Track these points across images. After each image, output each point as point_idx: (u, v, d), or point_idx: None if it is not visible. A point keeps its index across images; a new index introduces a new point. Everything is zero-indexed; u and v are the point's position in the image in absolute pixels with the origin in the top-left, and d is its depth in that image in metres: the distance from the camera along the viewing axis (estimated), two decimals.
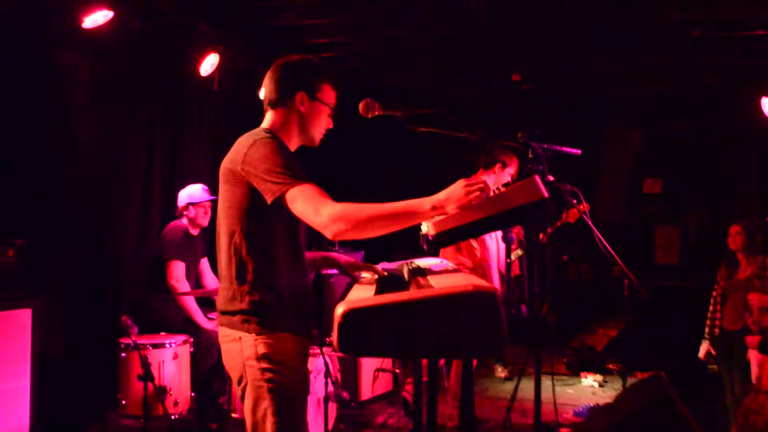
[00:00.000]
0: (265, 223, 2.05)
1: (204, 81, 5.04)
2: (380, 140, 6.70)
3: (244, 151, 2.03)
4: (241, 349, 2.03)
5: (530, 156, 2.26)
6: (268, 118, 2.23)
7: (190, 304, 4.10)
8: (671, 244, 7.74)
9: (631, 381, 4.90)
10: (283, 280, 2.08)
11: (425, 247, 2.00)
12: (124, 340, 3.69)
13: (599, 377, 6.12)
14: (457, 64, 6.11)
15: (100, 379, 4.02)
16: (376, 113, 2.18)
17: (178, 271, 4.09)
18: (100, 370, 4.04)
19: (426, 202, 1.87)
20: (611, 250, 2.89)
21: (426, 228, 2.01)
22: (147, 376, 3.43)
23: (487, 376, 6.08)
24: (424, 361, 2.31)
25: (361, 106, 2.18)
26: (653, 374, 3.49)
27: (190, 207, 4.27)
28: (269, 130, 2.16)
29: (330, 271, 5.77)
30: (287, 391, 2.02)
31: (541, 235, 3.56)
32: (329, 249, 5.56)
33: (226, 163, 2.10)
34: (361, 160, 7.57)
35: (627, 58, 5.88)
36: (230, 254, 2.07)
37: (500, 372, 6.23)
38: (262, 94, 2.25)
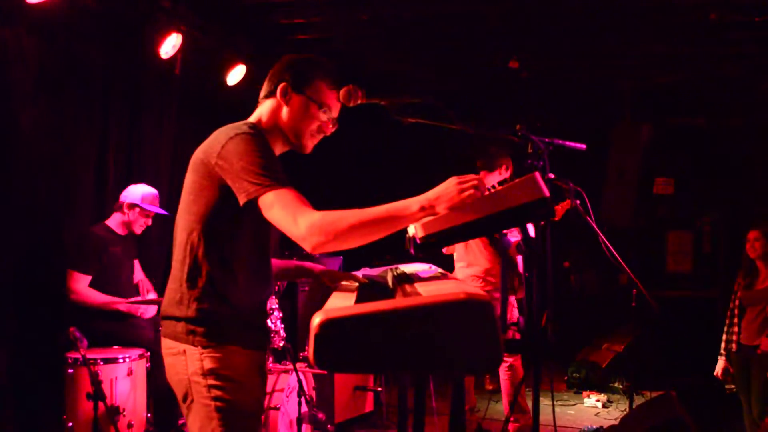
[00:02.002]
0: (230, 226, 2.05)
1: (165, 64, 5.01)
2: (363, 132, 6.71)
3: (222, 143, 2.02)
4: (185, 363, 2.03)
5: (529, 151, 2.27)
6: (256, 111, 2.25)
7: (100, 297, 4.10)
8: (684, 251, 7.83)
9: (638, 401, 4.94)
10: (240, 290, 2.08)
11: (412, 250, 2.01)
12: (72, 355, 3.65)
13: (603, 397, 6.17)
14: (449, 48, 6.13)
15: (43, 398, 3.98)
16: (359, 102, 2.18)
17: (78, 284, 4.08)
18: (43, 388, 4.00)
19: (413, 203, 1.85)
20: (618, 257, 2.92)
21: (413, 230, 2.01)
22: (97, 394, 3.41)
23: (474, 389, 6.12)
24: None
25: (341, 93, 2.18)
26: (663, 394, 3.53)
27: (136, 208, 4.28)
28: (254, 125, 2.15)
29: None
30: (238, 410, 2.03)
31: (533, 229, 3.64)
32: (304, 255, 5.57)
33: (199, 154, 2.10)
34: (342, 154, 7.57)
35: (636, 44, 5.92)
36: (185, 253, 2.07)
37: (489, 384, 6.27)
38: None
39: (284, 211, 1.90)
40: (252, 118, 2.24)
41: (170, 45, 4.86)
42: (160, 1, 4.75)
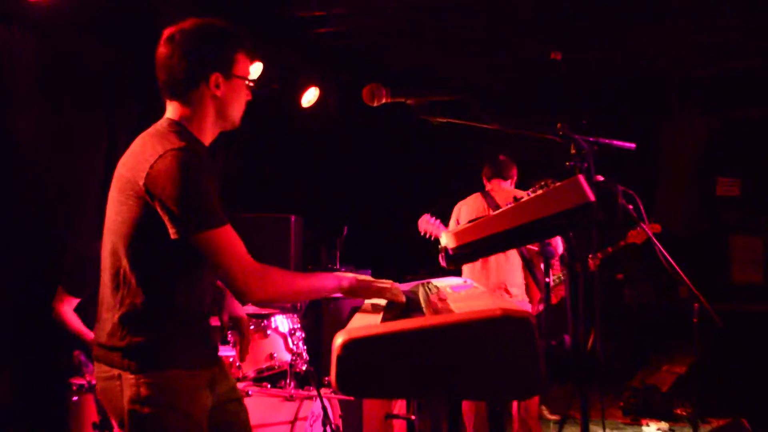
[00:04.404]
0: (162, 247, 2.03)
1: None
2: (388, 134, 6.75)
3: (150, 163, 2.01)
4: (120, 388, 2.05)
5: (573, 151, 2.26)
6: (174, 108, 2.22)
7: (76, 324, 4.08)
8: (752, 258, 7.70)
9: (704, 429, 4.87)
10: (178, 311, 2.11)
11: (444, 263, 2.01)
12: (77, 381, 3.69)
13: (664, 425, 6.09)
14: (482, 39, 6.13)
15: (46, 428, 4.03)
16: (383, 101, 2.19)
17: (63, 305, 4.08)
18: (46, 417, 4.05)
19: (343, 283, 2.18)
20: (676, 267, 2.89)
21: (445, 240, 2.02)
22: (104, 424, 3.44)
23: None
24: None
25: (365, 92, 2.20)
26: (732, 420, 3.48)
27: None
28: (177, 123, 2.16)
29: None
30: None
31: (590, 261, 3.61)
32: (329, 268, 5.58)
33: (123, 170, 2.11)
34: (365, 158, 7.63)
35: (692, 29, 5.87)
36: (116, 280, 2.09)
37: (549, 414, 6.23)
38: (159, 72, 2.23)
39: (223, 256, 1.98)
40: (171, 114, 2.22)
41: None
42: None
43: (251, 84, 2.29)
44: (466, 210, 4.88)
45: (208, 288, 2.23)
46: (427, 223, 4.82)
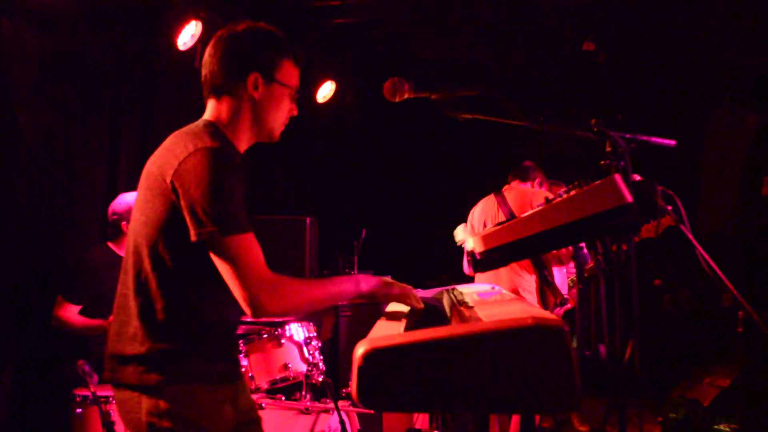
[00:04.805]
0: (187, 250, 2.04)
1: (183, 56, 5.09)
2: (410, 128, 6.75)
3: (179, 159, 2.04)
4: (139, 401, 2.06)
5: (608, 149, 2.25)
6: (211, 108, 2.25)
7: (80, 320, 4.12)
8: None
9: None
10: (203, 321, 2.12)
11: (470, 268, 2.02)
12: (81, 392, 3.72)
13: None
14: (510, 30, 6.11)
15: None
16: (405, 96, 2.20)
17: (65, 313, 4.12)
18: (49, 429, 4.09)
19: (362, 287, 2.16)
20: (719, 272, 2.87)
21: (472, 244, 2.02)
22: None
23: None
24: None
25: (386, 87, 2.20)
26: None
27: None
28: (213, 125, 2.18)
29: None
30: None
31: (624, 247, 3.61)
32: (345, 272, 5.60)
33: (152, 167, 2.14)
34: (385, 153, 7.64)
35: (738, 14, 5.81)
36: (137, 282, 2.10)
37: (579, 425, 6.21)
38: (203, 73, 2.25)
39: (236, 266, 1.97)
40: (208, 115, 2.25)
41: (189, 34, 4.94)
42: None
43: (295, 95, 2.30)
44: (479, 211, 4.91)
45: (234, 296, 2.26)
46: (464, 233, 4.85)
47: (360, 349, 1.45)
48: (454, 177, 8.00)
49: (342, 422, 3.91)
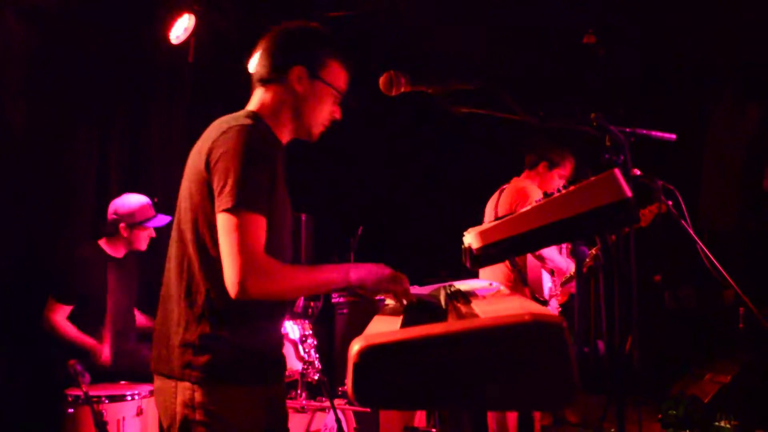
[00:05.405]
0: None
1: (176, 50, 5.09)
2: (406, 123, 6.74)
3: (213, 137, 2.09)
4: (175, 390, 2.10)
5: (608, 143, 2.25)
6: (257, 97, 2.29)
7: (72, 331, 4.13)
8: None
9: None
10: (246, 314, 2.12)
11: (468, 264, 2.02)
12: (72, 392, 3.72)
13: None
14: (509, 22, 6.11)
15: None
16: (402, 90, 2.20)
17: (55, 315, 4.12)
18: (40, 430, 4.09)
19: (351, 276, 2.17)
20: (721, 268, 2.88)
21: (468, 240, 2.02)
22: None
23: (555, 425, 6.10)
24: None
25: (382, 80, 2.21)
26: None
27: (133, 228, 4.31)
28: (255, 114, 2.21)
29: (340, 299, 5.81)
30: None
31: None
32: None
33: (194, 152, 2.19)
34: (382, 148, 7.64)
35: (744, 6, 5.81)
36: (180, 269, 2.14)
37: (571, 415, 6.25)
38: (252, 66, 2.30)
39: (233, 241, 1.97)
40: (252, 106, 2.28)
41: (182, 28, 4.94)
42: None
43: (339, 97, 2.33)
44: (487, 208, 4.91)
45: None
46: None
47: (356, 346, 1.45)
48: (451, 173, 7.99)
49: (338, 420, 3.92)
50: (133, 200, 4.34)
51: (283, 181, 2.19)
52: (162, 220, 4.36)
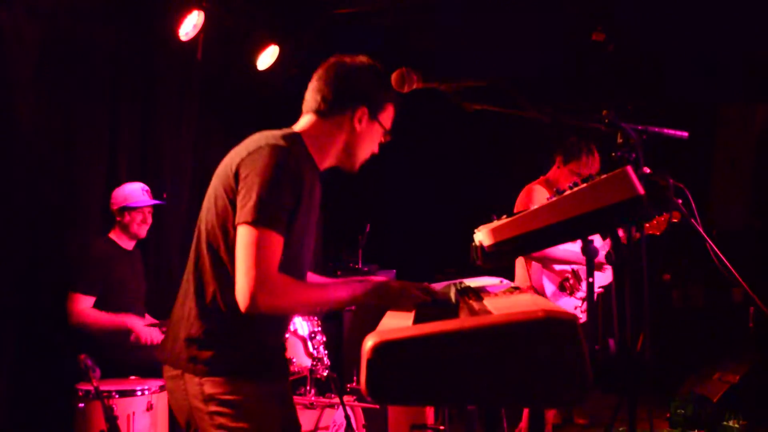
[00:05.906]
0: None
1: (185, 47, 5.09)
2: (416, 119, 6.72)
3: (249, 151, 2.15)
4: (184, 386, 2.15)
5: (619, 141, 2.25)
6: (306, 121, 2.33)
7: (106, 316, 4.19)
8: None
9: None
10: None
11: (479, 261, 2.02)
12: (83, 386, 3.75)
13: None
14: (520, 19, 6.10)
15: None
16: (414, 86, 2.21)
17: (80, 306, 4.17)
18: (50, 425, 4.11)
19: (359, 295, 2.23)
20: (731, 267, 2.87)
21: (480, 237, 2.03)
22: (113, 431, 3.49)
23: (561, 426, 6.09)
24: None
25: (394, 77, 2.22)
26: None
27: (125, 212, 4.40)
28: (297, 136, 2.26)
29: None
30: None
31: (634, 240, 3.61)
32: (351, 267, 5.61)
33: (227, 158, 2.24)
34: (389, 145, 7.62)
35: (750, 3, 5.79)
36: (195, 265, 2.21)
37: (579, 417, 6.23)
38: (308, 96, 2.35)
39: (249, 257, 2.02)
40: (299, 127, 2.32)
41: (190, 25, 4.94)
42: None
43: (386, 137, 2.42)
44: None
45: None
46: None
47: (369, 342, 1.45)
48: (460, 170, 7.98)
49: (347, 417, 3.93)
50: (127, 187, 4.47)
51: (311, 202, 2.25)
52: (151, 201, 4.46)
